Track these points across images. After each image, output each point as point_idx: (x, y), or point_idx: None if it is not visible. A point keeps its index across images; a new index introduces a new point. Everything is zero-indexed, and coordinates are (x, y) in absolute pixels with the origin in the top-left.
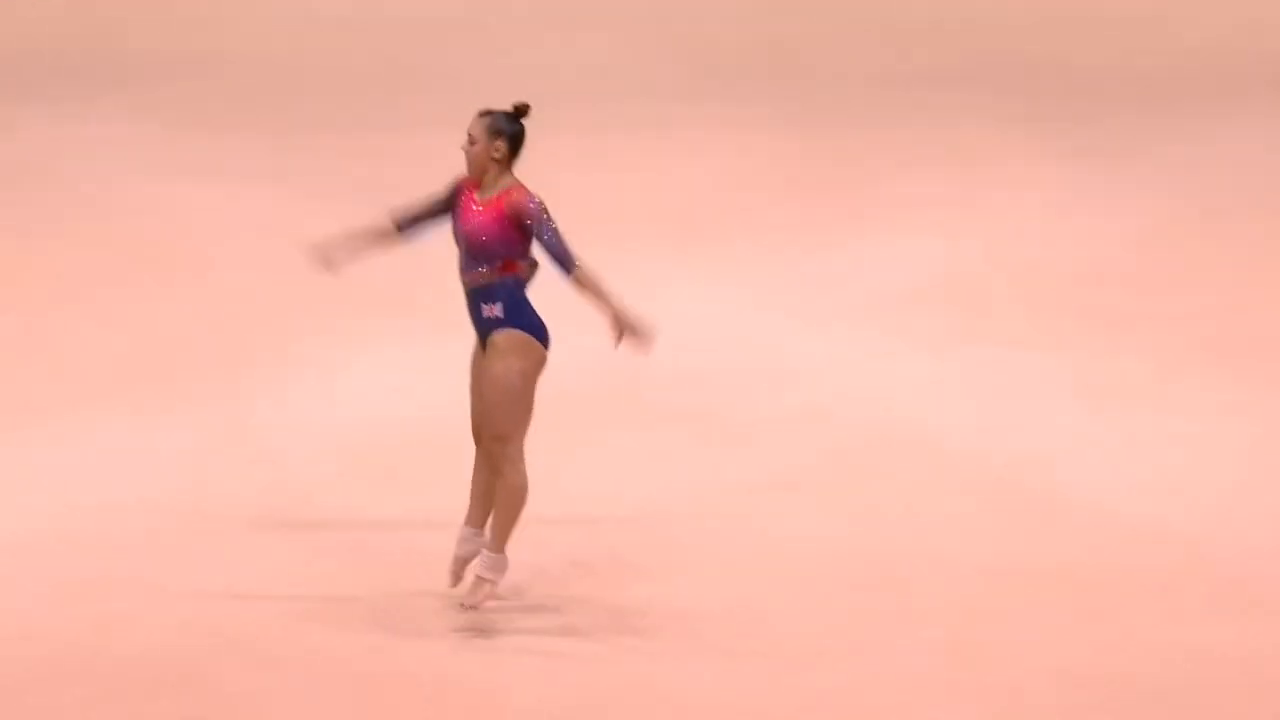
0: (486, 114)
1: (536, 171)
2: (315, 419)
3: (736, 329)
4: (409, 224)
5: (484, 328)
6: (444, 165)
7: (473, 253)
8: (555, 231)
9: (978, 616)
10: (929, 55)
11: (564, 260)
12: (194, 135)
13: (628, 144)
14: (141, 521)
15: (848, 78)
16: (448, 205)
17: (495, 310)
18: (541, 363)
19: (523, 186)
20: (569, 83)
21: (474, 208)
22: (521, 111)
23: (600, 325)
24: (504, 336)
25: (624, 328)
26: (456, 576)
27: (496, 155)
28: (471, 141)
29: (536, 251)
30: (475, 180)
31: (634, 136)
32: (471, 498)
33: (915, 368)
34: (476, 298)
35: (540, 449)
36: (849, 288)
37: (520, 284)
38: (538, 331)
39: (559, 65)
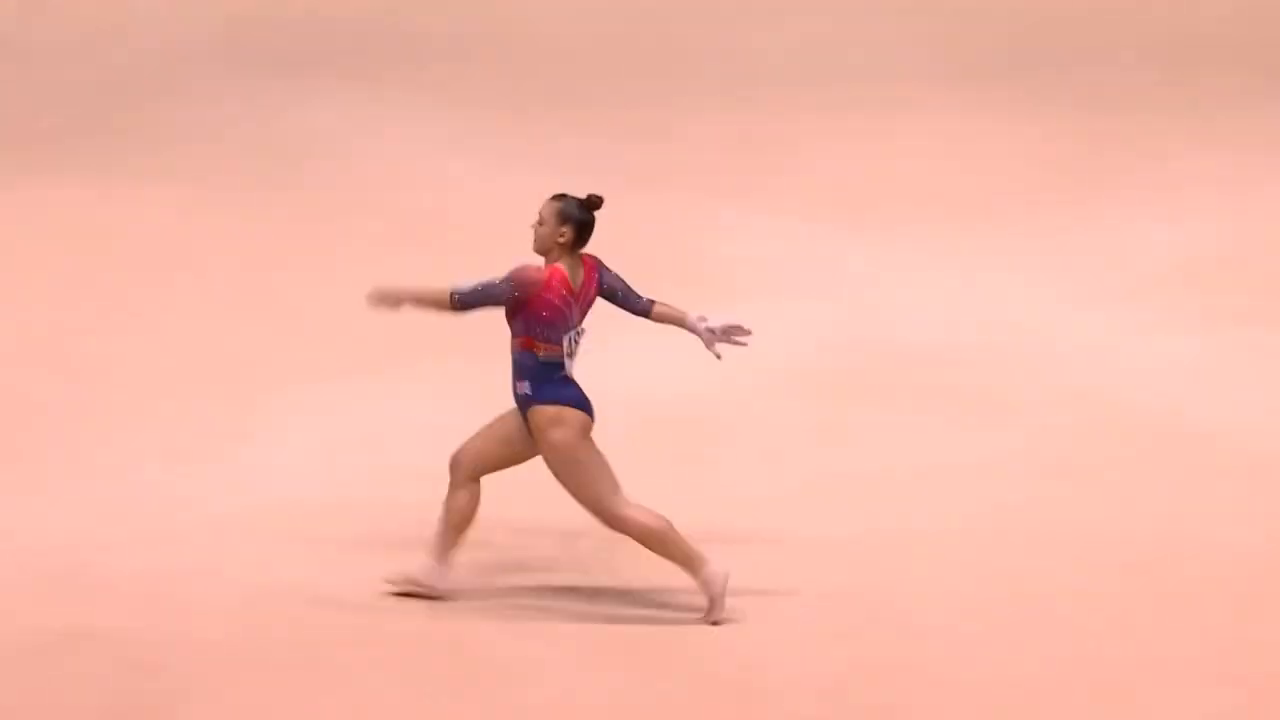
0: (559, 198)
1: (784, 149)
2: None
3: (998, 309)
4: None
5: (519, 403)
6: (697, 144)
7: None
8: (485, 283)
9: (1244, 602)
10: (1183, 35)
11: (468, 287)
12: (473, 114)
13: (881, 125)
14: (413, 493)
15: (1102, 59)
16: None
17: (524, 387)
18: (583, 426)
19: (545, 267)
20: (817, 63)
21: None
22: (594, 204)
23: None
24: (535, 414)
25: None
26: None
27: (561, 239)
28: (540, 222)
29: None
30: (541, 253)
31: (892, 118)
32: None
33: (1182, 350)
34: (512, 373)
35: (807, 421)
36: (1113, 269)
37: (540, 362)
38: (576, 402)
39: (806, 45)
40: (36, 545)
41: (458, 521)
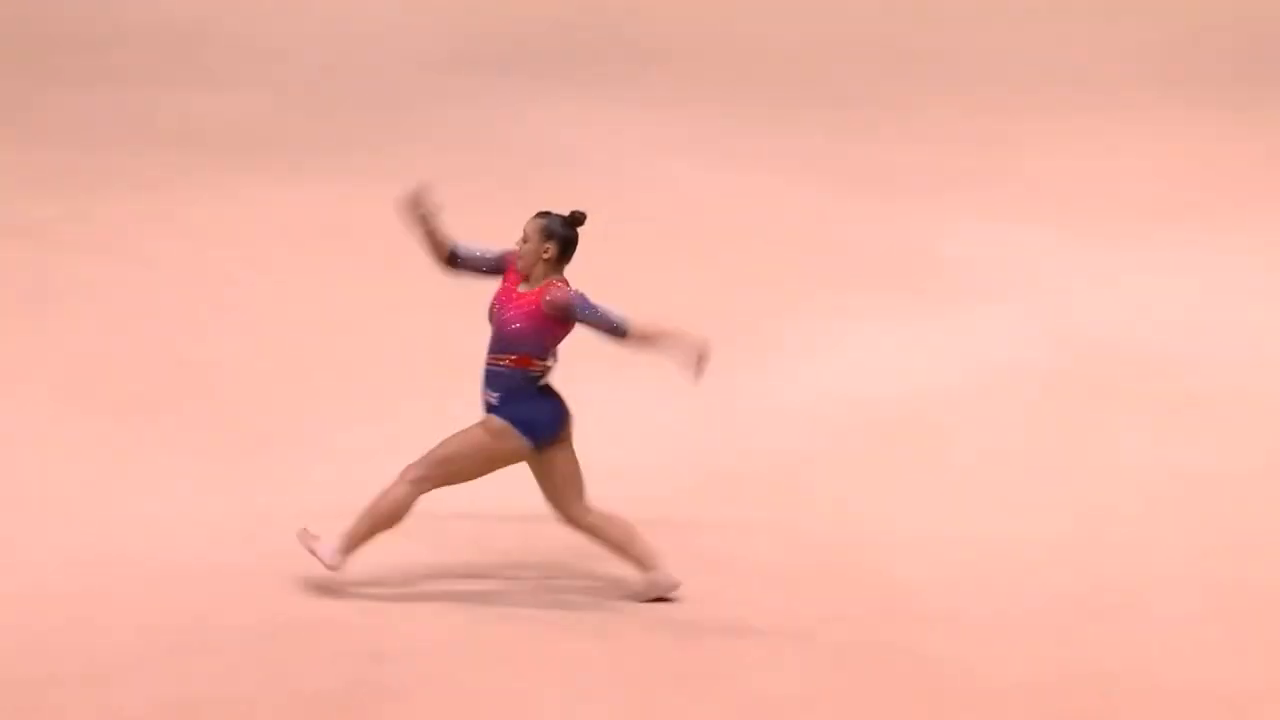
0: (543, 215)
1: (1004, 150)
2: (801, 395)
3: (1212, 312)
4: (461, 264)
5: (486, 409)
6: (916, 144)
7: (500, 337)
8: (597, 308)
9: None
10: None
11: (616, 329)
12: (698, 117)
13: (1101, 129)
14: (622, 489)
15: None
16: (494, 270)
17: (492, 398)
18: (511, 455)
19: (560, 282)
20: (1038, 65)
21: (515, 293)
22: (577, 220)
23: None
24: (489, 420)
25: (698, 355)
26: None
27: (546, 256)
28: (525, 239)
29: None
30: (525, 271)
31: (1112, 122)
32: (628, 545)
33: None
34: (486, 380)
35: (1023, 423)
36: None
37: (526, 378)
38: (526, 426)
39: (1028, 47)
40: (279, 537)
41: (616, 534)
